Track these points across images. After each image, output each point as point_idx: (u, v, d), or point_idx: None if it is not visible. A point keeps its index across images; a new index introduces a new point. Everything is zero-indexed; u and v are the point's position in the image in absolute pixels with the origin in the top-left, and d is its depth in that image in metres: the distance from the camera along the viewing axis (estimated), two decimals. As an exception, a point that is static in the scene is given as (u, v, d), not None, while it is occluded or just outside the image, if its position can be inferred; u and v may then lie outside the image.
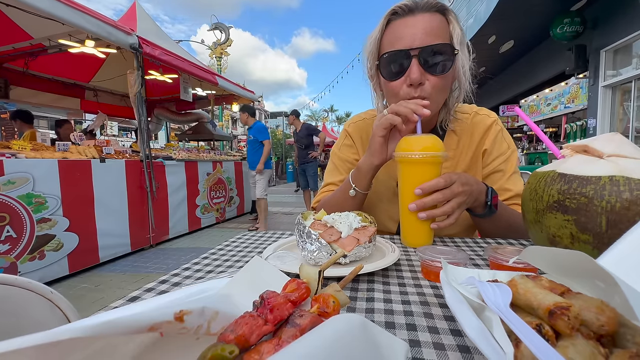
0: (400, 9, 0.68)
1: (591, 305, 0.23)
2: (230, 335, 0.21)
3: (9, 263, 2.26)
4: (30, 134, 3.84)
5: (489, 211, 0.66)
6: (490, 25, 6.23)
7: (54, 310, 0.55)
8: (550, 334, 0.23)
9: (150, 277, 2.69)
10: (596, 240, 0.39)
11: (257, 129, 4.19)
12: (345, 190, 0.75)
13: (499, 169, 0.80)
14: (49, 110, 5.99)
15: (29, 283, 0.54)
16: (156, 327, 0.20)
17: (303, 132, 5.21)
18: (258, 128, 4.20)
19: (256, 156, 4.19)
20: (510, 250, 0.46)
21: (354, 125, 0.93)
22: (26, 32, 3.49)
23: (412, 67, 0.65)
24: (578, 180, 0.41)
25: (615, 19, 4.98)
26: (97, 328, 0.17)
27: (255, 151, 4.22)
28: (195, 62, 4.58)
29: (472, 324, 0.24)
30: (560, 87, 7.42)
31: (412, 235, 0.64)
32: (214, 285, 0.29)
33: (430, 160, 0.60)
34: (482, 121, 0.82)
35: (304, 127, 5.26)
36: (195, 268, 0.53)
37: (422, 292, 0.42)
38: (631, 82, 4.98)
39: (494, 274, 0.37)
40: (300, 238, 0.51)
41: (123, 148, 3.72)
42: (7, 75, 4.36)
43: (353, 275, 0.32)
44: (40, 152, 2.67)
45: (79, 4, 2.77)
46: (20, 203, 2.33)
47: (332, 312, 0.25)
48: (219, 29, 11.77)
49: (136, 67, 3.33)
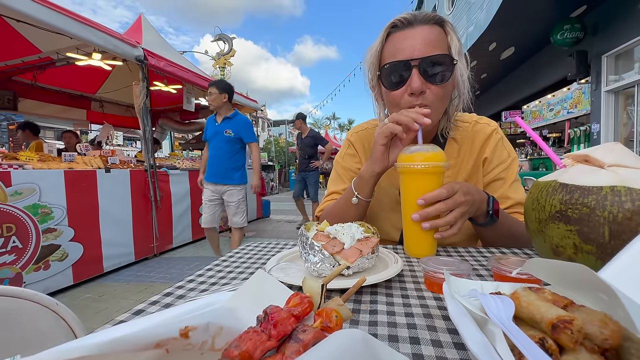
0: (400, 22, 0.70)
1: (594, 319, 0.23)
2: (235, 350, 0.21)
3: (15, 273, 2.27)
4: (36, 144, 3.90)
5: (490, 220, 0.67)
6: (490, 33, 6.29)
7: (59, 322, 0.55)
8: (553, 348, 0.22)
9: (154, 286, 2.69)
10: (599, 250, 0.39)
11: (241, 123, 2.78)
12: (348, 198, 0.76)
13: (500, 177, 0.80)
14: (56, 121, 6.10)
15: (35, 295, 0.54)
16: (162, 344, 0.20)
17: (309, 140, 4.85)
18: (243, 122, 2.80)
19: (234, 162, 2.83)
20: (514, 260, 0.46)
21: (357, 134, 0.95)
22: (35, 46, 3.58)
23: (412, 77, 0.67)
24: (580, 191, 0.41)
25: (615, 25, 5.00)
26: (106, 346, 0.17)
27: (233, 155, 2.81)
28: (199, 72, 4.66)
29: (475, 338, 0.25)
30: (563, 92, 7.42)
31: (416, 245, 0.64)
32: (218, 299, 0.29)
33: (432, 171, 0.60)
34: (482, 130, 0.83)
35: (311, 135, 4.90)
36: (199, 280, 0.53)
37: (425, 304, 0.41)
38: (634, 86, 4.97)
39: (497, 285, 0.36)
40: (304, 249, 0.51)
41: (128, 158, 3.76)
42: (16, 88, 4.46)
43: (356, 288, 0.32)
44: (47, 163, 2.71)
45: (87, 18, 2.85)
46: (27, 213, 2.35)
47: (335, 326, 0.25)
48: (223, 39, 11.98)
49: (141, 78, 3.39)
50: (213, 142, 2.81)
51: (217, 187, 2.84)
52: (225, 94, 2.71)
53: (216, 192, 2.85)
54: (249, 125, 2.85)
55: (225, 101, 2.72)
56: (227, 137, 2.76)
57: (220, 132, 2.77)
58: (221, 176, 2.81)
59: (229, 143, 2.78)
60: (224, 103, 2.72)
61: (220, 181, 2.82)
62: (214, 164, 2.82)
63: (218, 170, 2.81)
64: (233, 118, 2.78)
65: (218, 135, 2.78)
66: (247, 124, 2.82)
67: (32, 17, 2.41)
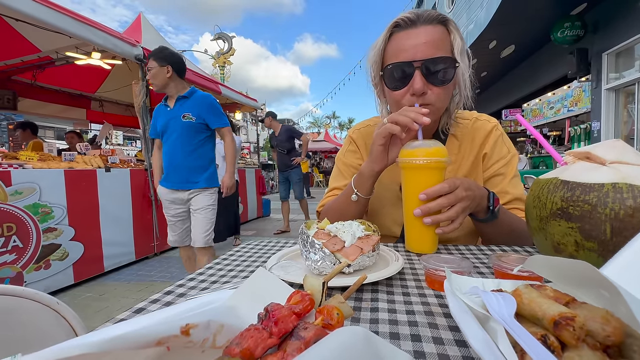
0: (403, 21, 0.70)
1: (596, 316, 0.23)
2: (236, 348, 0.21)
3: (15, 273, 2.27)
4: (34, 144, 3.90)
5: (491, 216, 0.67)
6: (490, 31, 6.28)
7: (59, 321, 0.55)
8: (555, 345, 0.22)
9: (155, 285, 2.69)
10: (601, 247, 0.39)
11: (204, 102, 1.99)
12: (348, 195, 0.76)
13: (500, 173, 0.81)
14: (56, 120, 6.10)
15: (36, 294, 0.54)
16: (163, 342, 0.20)
17: (283, 135, 4.44)
18: (207, 102, 2.00)
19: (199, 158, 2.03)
20: (515, 258, 0.46)
21: (358, 131, 0.95)
22: (34, 46, 3.58)
23: (415, 78, 0.67)
24: (581, 188, 0.41)
25: (616, 23, 4.99)
26: (107, 343, 0.17)
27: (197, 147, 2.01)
28: (198, 71, 4.65)
29: (477, 335, 0.24)
30: (563, 90, 7.41)
31: (417, 241, 0.64)
32: (219, 297, 0.29)
33: (434, 166, 0.61)
34: (482, 126, 0.84)
35: (284, 130, 4.47)
36: (199, 279, 0.53)
37: (426, 301, 0.41)
38: (634, 84, 4.97)
39: (499, 283, 0.36)
40: (304, 247, 0.51)
41: (128, 157, 3.76)
42: (16, 88, 4.46)
43: (357, 286, 0.32)
44: (47, 163, 2.71)
45: (87, 17, 2.85)
46: (27, 213, 2.36)
47: (336, 324, 0.25)
48: (222, 38, 11.98)
49: (141, 77, 3.39)
50: (166, 135, 2.01)
51: (177, 196, 2.03)
52: (167, 66, 1.91)
53: (178, 202, 2.05)
54: (215, 104, 2.03)
55: (170, 76, 1.92)
56: (187, 124, 1.95)
57: (176, 118, 1.96)
58: (181, 180, 2.00)
59: (190, 131, 1.97)
60: (168, 80, 1.93)
61: (181, 186, 2.01)
62: (172, 163, 2.01)
63: (177, 171, 2.00)
64: (191, 97, 1.98)
65: (173, 124, 1.97)
66: (212, 104, 2.02)
67: (32, 17, 2.41)
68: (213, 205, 2.10)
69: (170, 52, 1.98)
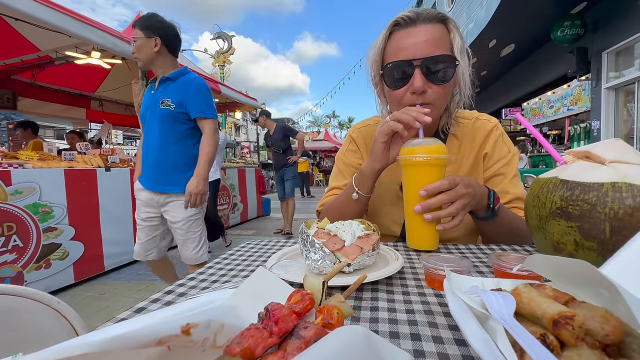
0: (403, 20, 0.70)
1: (596, 315, 0.23)
2: (236, 347, 0.21)
3: (16, 272, 2.27)
4: (33, 143, 3.89)
5: (491, 214, 0.67)
6: (490, 30, 6.27)
7: (60, 320, 0.55)
8: (554, 344, 0.22)
9: (155, 285, 2.69)
10: (600, 247, 0.39)
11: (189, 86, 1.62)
12: (349, 194, 0.76)
13: (500, 172, 0.81)
14: (55, 120, 6.10)
15: (36, 294, 0.54)
16: (164, 341, 0.20)
17: (278, 134, 4.35)
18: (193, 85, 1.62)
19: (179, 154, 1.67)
20: (514, 257, 0.46)
21: (358, 131, 0.95)
22: (34, 45, 3.57)
23: (415, 77, 0.67)
24: (580, 187, 0.41)
25: (616, 22, 4.99)
26: (107, 343, 0.17)
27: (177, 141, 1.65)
28: (199, 71, 4.65)
29: (476, 334, 0.25)
30: (563, 89, 7.41)
31: (418, 237, 0.64)
32: (219, 296, 0.29)
33: (434, 163, 0.61)
34: (482, 126, 0.84)
35: (279, 128, 4.38)
36: (200, 278, 0.53)
37: (426, 300, 0.42)
38: (634, 83, 4.96)
39: (498, 282, 0.37)
40: (304, 247, 0.51)
41: (128, 156, 3.76)
42: (15, 87, 4.45)
43: (357, 285, 0.33)
44: (47, 162, 2.71)
45: (86, 17, 2.84)
46: (27, 212, 2.36)
47: (336, 323, 0.25)
48: (222, 37, 11.96)
49: (140, 77, 3.38)
50: (146, 124, 1.69)
51: (153, 198, 1.67)
52: (155, 37, 1.55)
53: (153, 204, 1.69)
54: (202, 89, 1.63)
55: (158, 50, 1.56)
56: (165, 112, 1.59)
57: (155, 103, 1.61)
58: (158, 180, 1.65)
59: (169, 121, 1.60)
60: (155, 54, 1.57)
61: (157, 188, 1.65)
62: (146, 159, 1.68)
63: (154, 169, 1.66)
64: (176, 79, 1.61)
65: (152, 110, 1.63)
66: (199, 89, 1.62)
67: (31, 16, 2.41)
68: (197, 214, 1.72)
69: (160, 20, 1.60)
